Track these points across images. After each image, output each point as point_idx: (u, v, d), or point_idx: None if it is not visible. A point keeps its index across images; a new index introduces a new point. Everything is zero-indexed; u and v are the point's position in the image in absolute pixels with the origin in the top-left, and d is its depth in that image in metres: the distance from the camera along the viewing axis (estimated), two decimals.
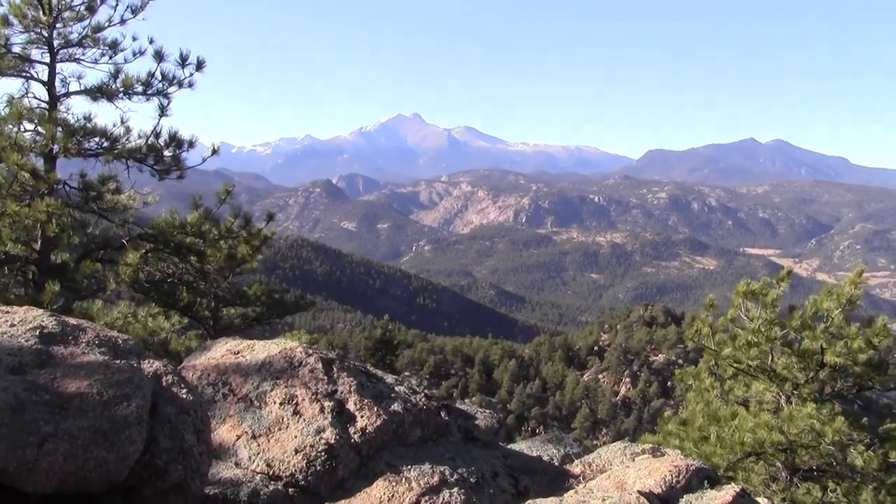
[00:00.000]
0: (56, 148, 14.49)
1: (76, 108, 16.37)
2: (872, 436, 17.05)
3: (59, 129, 14.31)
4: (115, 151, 15.00)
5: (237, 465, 6.79)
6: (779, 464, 15.05)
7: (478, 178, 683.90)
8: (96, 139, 14.94)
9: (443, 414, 8.14)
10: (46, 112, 14.81)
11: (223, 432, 7.03)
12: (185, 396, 5.90)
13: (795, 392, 15.73)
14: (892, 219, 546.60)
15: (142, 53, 15.42)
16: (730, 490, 6.66)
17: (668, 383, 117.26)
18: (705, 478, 6.95)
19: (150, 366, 6.01)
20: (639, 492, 6.20)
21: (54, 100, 15.10)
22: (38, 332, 5.77)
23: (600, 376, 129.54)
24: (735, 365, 16.49)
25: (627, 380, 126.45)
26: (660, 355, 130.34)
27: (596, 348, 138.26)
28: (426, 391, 8.47)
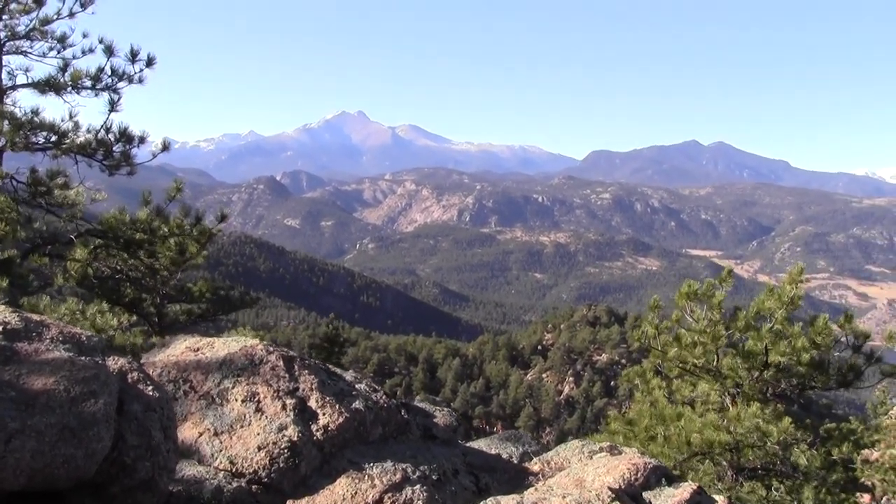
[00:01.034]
0: (2, 142, 14.29)
1: (23, 101, 16.08)
2: (814, 435, 17.39)
3: (6, 122, 14.10)
4: (64, 146, 14.83)
5: (200, 462, 6.79)
6: (724, 463, 15.25)
7: (422, 176, 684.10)
8: (44, 133, 14.73)
9: (403, 412, 8.19)
10: None
11: (185, 430, 7.02)
12: (151, 393, 5.90)
13: (740, 392, 15.96)
14: (831, 222, 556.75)
15: (91, 51, 15.31)
16: (687, 487, 6.79)
17: (612, 383, 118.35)
18: (663, 475, 7.08)
19: (116, 363, 5.99)
20: (609, 487, 6.30)
21: (0, 93, 14.90)
22: (0, 329, 5.73)
23: (544, 375, 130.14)
24: (681, 365, 16.67)
25: (571, 379, 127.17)
26: (603, 355, 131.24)
27: (539, 347, 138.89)
28: (384, 390, 8.53)
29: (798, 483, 15.49)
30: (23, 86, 15.12)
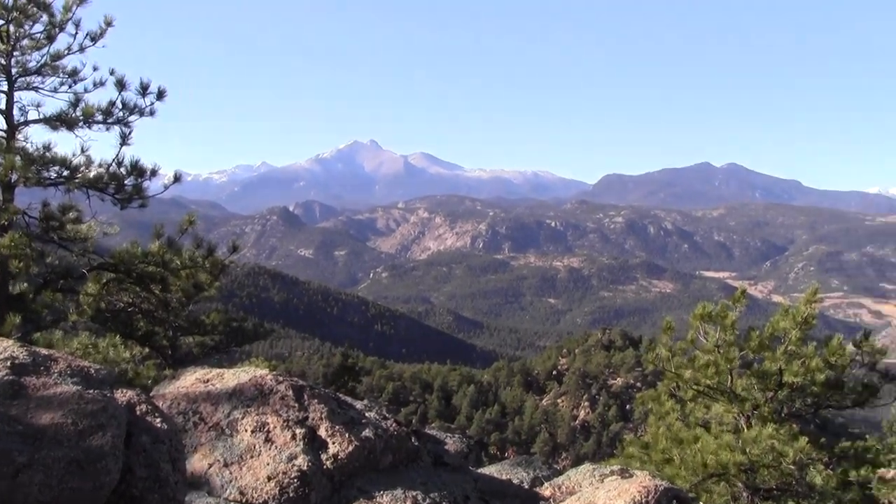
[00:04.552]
0: (15, 177, 14.36)
1: (35, 137, 16.15)
2: (830, 454, 17.28)
3: (19, 158, 14.18)
4: (76, 181, 14.90)
5: (209, 493, 6.78)
6: (740, 484, 15.17)
7: (435, 204, 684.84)
8: (56, 168, 14.81)
9: (413, 439, 8.17)
10: (4, 141, 14.71)
11: (195, 461, 7.03)
12: (159, 425, 5.90)
13: (755, 412, 15.90)
14: (844, 240, 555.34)
15: (102, 84, 15.39)
16: None
17: (627, 406, 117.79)
18: (674, 497, 7.04)
19: (124, 395, 6.00)
20: None
21: (12, 129, 14.97)
22: (9, 363, 5.74)
23: (559, 400, 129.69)
24: (695, 387, 16.62)
25: (586, 403, 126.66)
26: (618, 379, 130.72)
27: (554, 373, 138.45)
28: (395, 418, 8.51)
29: (814, 503, 15.39)
30: (35, 121, 15.21)
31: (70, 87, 15.43)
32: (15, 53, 14.98)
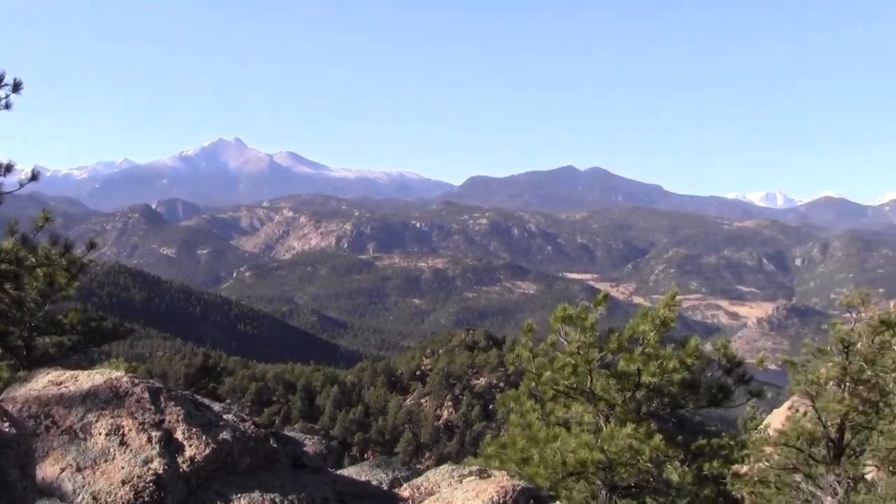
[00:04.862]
0: None
1: None
2: (686, 452, 17.80)
3: None
4: None
5: (61, 499, 6.60)
6: (599, 482, 15.45)
7: (300, 203, 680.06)
8: None
9: (272, 441, 8.10)
10: None
11: (46, 466, 6.82)
12: (7, 430, 5.72)
13: (613, 412, 16.24)
14: (703, 244, 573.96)
15: None
16: None
17: (490, 406, 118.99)
18: (531, 497, 7.13)
19: None
20: None
21: None
22: None
23: (423, 400, 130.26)
24: (555, 387, 16.88)
25: (450, 403, 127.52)
26: (481, 379, 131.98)
27: (418, 373, 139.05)
28: (253, 419, 8.42)
29: (671, 499, 15.80)
30: None
31: None
32: None
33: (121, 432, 7.10)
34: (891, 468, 17.64)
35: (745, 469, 20.64)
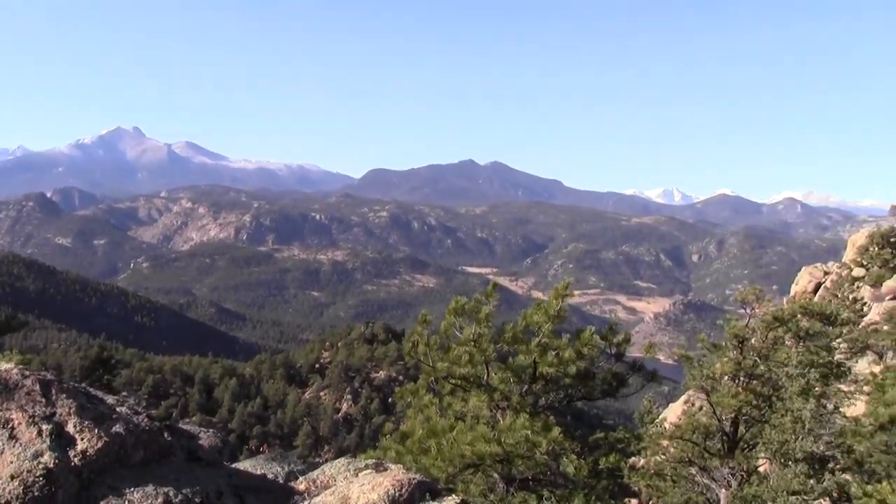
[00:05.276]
0: None
1: None
2: (583, 445, 18.06)
3: None
4: None
5: None
6: (496, 474, 15.57)
7: (198, 194, 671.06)
8: None
9: (166, 434, 8.00)
10: None
11: None
12: None
13: (509, 404, 16.36)
14: (602, 239, 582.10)
15: None
16: (450, 501, 6.92)
17: (390, 399, 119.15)
18: (427, 490, 7.18)
19: None
20: None
21: None
22: None
23: (322, 394, 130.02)
24: (452, 381, 16.95)
25: (349, 397, 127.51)
26: (381, 372, 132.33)
27: (317, 366, 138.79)
28: (148, 412, 8.30)
29: (568, 492, 15.95)
30: None
31: None
32: None
33: (10, 426, 6.95)
34: (782, 460, 18.09)
35: (641, 462, 21.03)
